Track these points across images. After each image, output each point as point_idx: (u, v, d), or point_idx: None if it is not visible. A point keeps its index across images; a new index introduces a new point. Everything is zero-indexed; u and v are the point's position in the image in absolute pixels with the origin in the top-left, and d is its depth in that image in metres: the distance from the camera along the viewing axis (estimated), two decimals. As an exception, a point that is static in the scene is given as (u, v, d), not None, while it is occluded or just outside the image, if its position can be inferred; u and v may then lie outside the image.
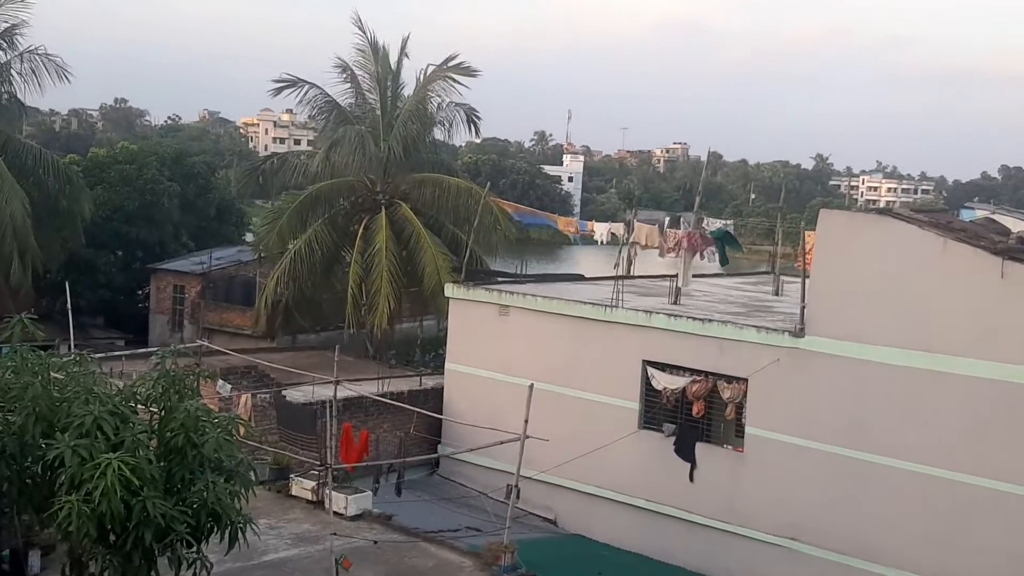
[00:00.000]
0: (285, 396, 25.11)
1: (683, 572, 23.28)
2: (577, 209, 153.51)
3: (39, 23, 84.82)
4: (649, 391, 24.81)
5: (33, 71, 37.08)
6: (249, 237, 50.54)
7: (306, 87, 36.74)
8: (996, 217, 25.95)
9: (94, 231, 42.96)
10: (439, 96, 36.47)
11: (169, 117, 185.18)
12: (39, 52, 37.07)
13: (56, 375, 12.40)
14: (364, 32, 36.50)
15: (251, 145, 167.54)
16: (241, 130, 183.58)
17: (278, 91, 37.06)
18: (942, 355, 20.69)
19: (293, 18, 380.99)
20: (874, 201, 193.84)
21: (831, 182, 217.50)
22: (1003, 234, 22.75)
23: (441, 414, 26.76)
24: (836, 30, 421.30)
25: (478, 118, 37.42)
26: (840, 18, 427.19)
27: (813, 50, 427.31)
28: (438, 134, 38.60)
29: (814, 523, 22.29)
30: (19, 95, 38.15)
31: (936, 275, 20.82)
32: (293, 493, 20.88)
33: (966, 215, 31.60)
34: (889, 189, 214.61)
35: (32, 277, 35.88)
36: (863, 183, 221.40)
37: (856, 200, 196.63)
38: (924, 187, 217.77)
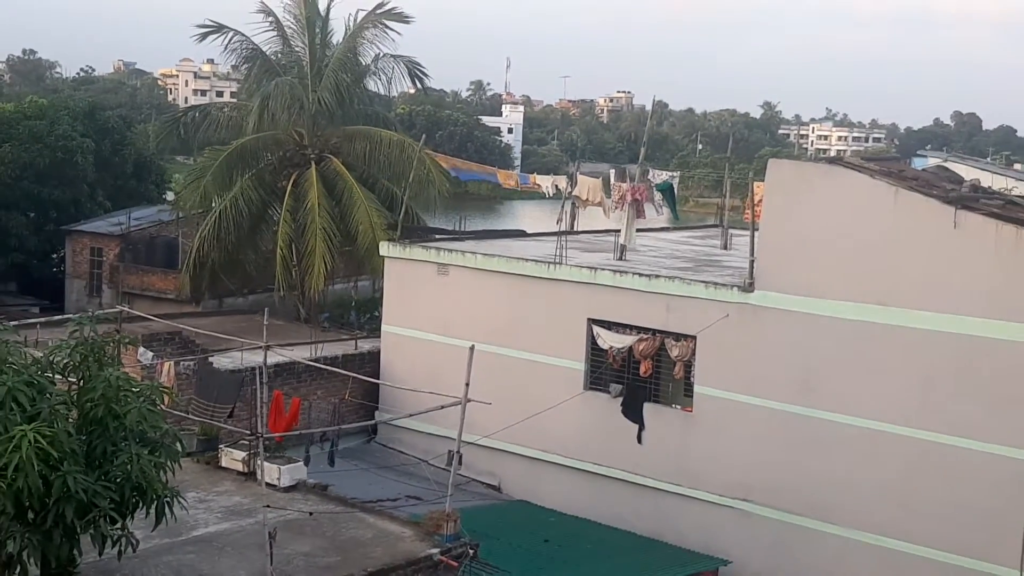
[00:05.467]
0: (212, 363, 24.92)
1: (633, 536, 23.51)
2: (518, 162, 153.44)
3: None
4: (595, 351, 24.96)
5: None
6: (170, 196, 49.93)
7: (230, 33, 36.50)
8: (949, 165, 26.43)
9: (3, 191, 41.99)
10: (372, 45, 36.30)
11: (81, 69, 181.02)
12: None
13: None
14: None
15: (170, 98, 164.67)
16: (159, 82, 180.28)
17: (203, 37, 36.88)
18: (894, 308, 21.02)
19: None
20: (824, 150, 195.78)
21: (780, 131, 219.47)
22: (955, 183, 23.11)
23: (378, 379, 26.70)
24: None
25: (423, 73, 37.23)
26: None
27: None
28: (372, 85, 38.41)
29: (765, 483, 22.64)
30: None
31: (888, 226, 21.11)
32: (223, 465, 20.70)
33: (918, 163, 32.14)
34: (840, 137, 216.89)
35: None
36: (813, 131, 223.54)
37: (806, 149, 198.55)
38: (875, 135, 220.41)
